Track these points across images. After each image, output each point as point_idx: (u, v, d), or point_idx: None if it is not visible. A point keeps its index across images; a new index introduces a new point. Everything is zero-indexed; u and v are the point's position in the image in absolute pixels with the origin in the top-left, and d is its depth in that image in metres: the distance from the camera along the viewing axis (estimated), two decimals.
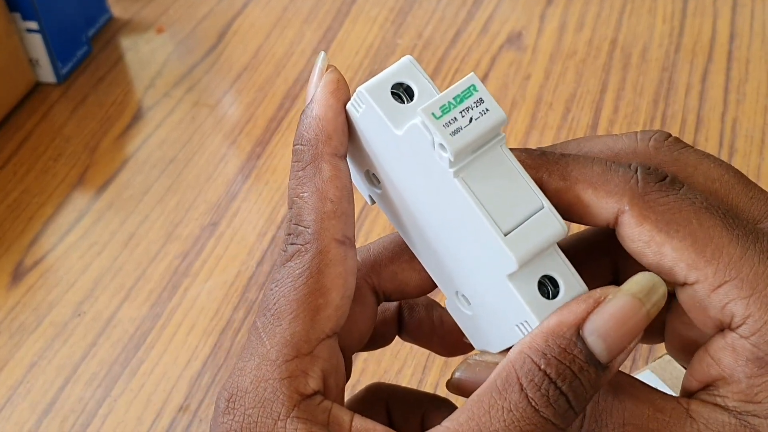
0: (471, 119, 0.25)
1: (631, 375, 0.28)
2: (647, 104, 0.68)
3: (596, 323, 0.25)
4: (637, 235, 0.26)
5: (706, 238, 0.26)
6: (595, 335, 0.25)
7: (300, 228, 0.27)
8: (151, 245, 0.61)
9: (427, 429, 0.29)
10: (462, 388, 0.28)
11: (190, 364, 0.54)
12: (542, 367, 0.25)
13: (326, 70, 0.28)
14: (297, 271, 0.27)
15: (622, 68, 0.71)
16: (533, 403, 0.25)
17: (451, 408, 0.33)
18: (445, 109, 0.25)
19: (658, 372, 0.44)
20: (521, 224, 0.26)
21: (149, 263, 0.60)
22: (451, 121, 0.25)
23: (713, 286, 0.26)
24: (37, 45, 0.71)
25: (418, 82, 0.27)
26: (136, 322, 0.56)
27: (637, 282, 0.26)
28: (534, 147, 0.65)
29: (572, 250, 0.29)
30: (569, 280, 0.26)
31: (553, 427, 0.25)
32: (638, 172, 0.27)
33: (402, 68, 0.27)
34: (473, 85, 0.26)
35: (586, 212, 0.27)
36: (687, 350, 0.30)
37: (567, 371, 0.25)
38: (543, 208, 0.26)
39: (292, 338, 0.27)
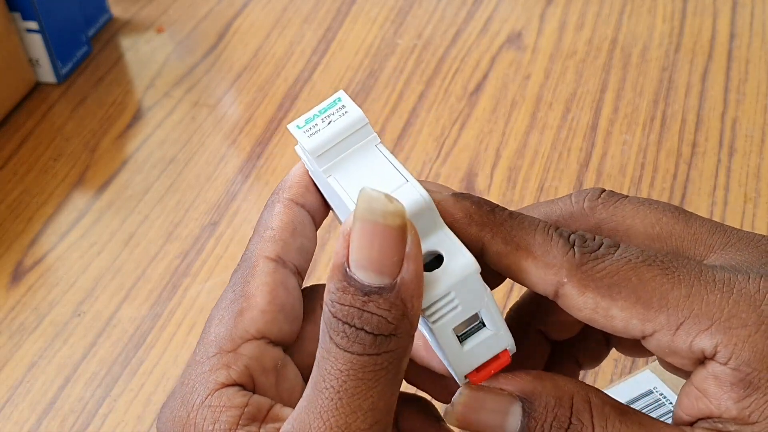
0: (330, 122, 0.28)
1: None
2: (647, 104, 0.68)
3: (353, 256, 0.26)
4: (582, 304, 0.27)
5: (649, 289, 0.26)
6: (355, 266, 0.25)
7: (243, 253, 0.30)
8: (151, 245, 0.61)
9: (403, 429, 0.30)
10: (462, 420, 0.28)
11: None
12: (334, 313, 0.26)
13: None
14: (229, 285, 0.30)
15: (622, 68, 0.71)
16: (342, 347, 0.25)
17: (426, 407, 0.33)
18: (308, 120, 0.28)
19: (658, 372, 0.44)
20: None
21: (149, 263, 0.60)
22: (312, 127, 0.28)
23: (672, 331, 0.26)
24: (37, 45, 0.71)
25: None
26: (136, 322, 0.56)
27: (358, 204, 0.26)
28: (533, 146, 0.65)
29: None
30: (451, 249, 0.27)
31: (374, 357, 0.25)
32: (575, 245, 0.27)
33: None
34: (339, 98, 0.28)
35: (526, 279, 0.28)
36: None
37: (351, 309, 0.25)
38: (407, 182, 0.28)
39: (215, 338, 0.29)
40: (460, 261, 0.27)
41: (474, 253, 0.27)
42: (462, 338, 0.28)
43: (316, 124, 0.28)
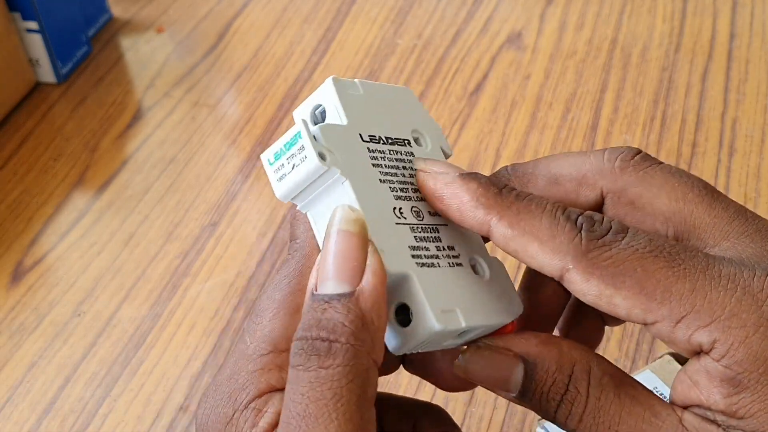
0: (293, 166, 0.28)
1: (634, 377, 0.29)
2: (647, 104, 0.68)
3: (319, 276, 0.26)
4: (586, 290, 0.27)
5: (654, 281, 0.27)
6: (320, 284, 0.26)
7: (292, 242, 0.29)
8: (151, 245, 0.61)
9: None
10: (469, 373, 0.29)
11: (190, 364, 0.54)
12: (297, 337, 0.26)
13: None
14: (283, 275, 0.29)
15: (622, 68, 0.71)
16: (301, 367, 0.25)
17: (441, 416, 0.33)
18: (277, 156, 0.28)
19: (658, 372, 0.44)
20: None
21: (149, 263, 0.60)
22: (280, 167, 0.28)
23: (672, 323, 0.27)
24: (37, 45, 0.71)
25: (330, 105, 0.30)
26: (136, 322, 0.56)
27: (329, 222, 0.27)
28: (533, 146, 0.65)
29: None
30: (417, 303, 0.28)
31: (330, 371, 0.25)
32: (582, 229, 0.27)
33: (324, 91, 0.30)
34: (298, 133, 0.28)
35: (532, 263, 0.28)
36: None
37: (311, 322, 0.25)
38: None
39: (270, 334, 0.28)
40: (424, 320, 0.27)
41: (480, 235, 0.28)
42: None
43: (283, 165, 0.28)
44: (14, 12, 0.70)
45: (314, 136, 0.28)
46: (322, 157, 0.27)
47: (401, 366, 0.33)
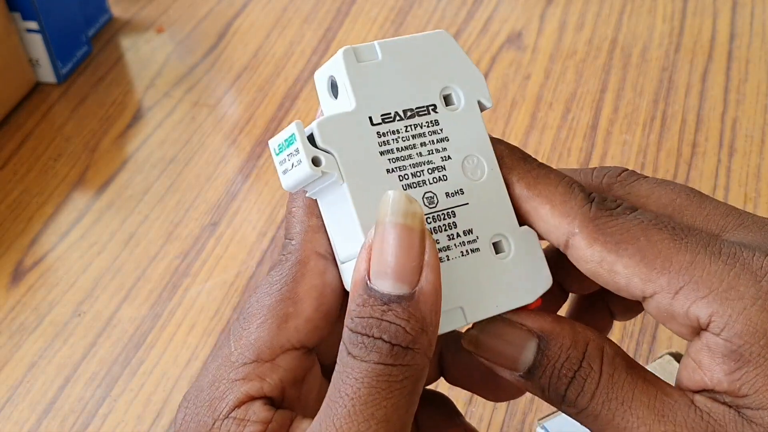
0: (293, 165, 0.28)
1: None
2: (647, 104, 0.68)
3: (373, 267, 0.26)
4: (589, 256, 0.27)
5: (655, 251, 0.27)
6: (375, 276, 0.26)
7: (287, 240, 0.29)
8: (151, 245, 0.61)
9: (421, 426, 0.31)
10: (480, 345, 0.29)
11: (190, 364, 0.54)
12: (353, 328, 0.26)
13: None
14: (275, 278, 0.28)
15: (622, 68, 0.71)
16: (358, 357, 0.25)
17: (446, 403, 0.33)
18: (280, 148, 0.28)
19: (658, 372, 0.44)
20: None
21: (149, 263, 0.60)
22: (283, 161, 0.28)
23: (671, 294, 0.27)
24: (37, 45, 0.71)
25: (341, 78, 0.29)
26: (136, 322, 0.56)
27: (380, 209, 0.26)
28: (533, 146, 0.65)
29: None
30: None
31: (389, 367, 0.25)
32: (594, 201, 0.28)
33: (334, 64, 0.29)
34: (293, 135, 0.27)
35: (541, 226, 0.29)
36: None
37: (371, 320, 0.26)
38: (358, 238, 0.27)
39: (255, 342, 0.28)
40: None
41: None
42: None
43: (285, 160, 0.28)
44: (14, 12, 0.70)
45: (312, 135, 0.28)
46: (315, 162, 0.27)
47: (441, 377, 0.33)
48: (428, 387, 0.33)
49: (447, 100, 0.30)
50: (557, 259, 0.31)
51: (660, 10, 0.76)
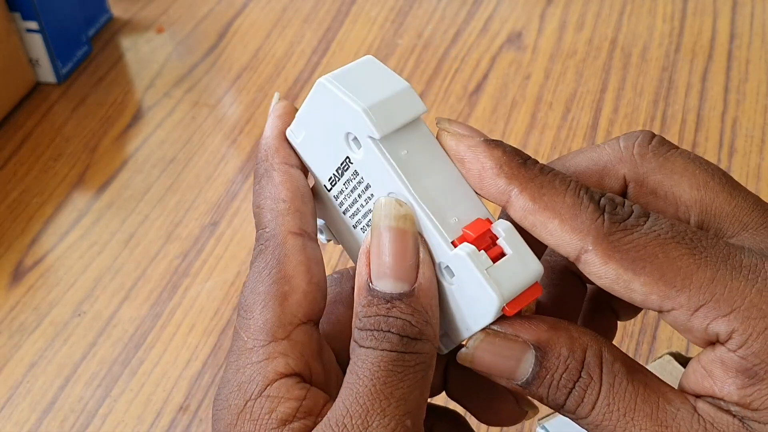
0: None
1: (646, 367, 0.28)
2: (647, 104, 0.68)
3: (373, 269, 0.27)
4: (603, 273, 0.26)
5: (674, 269, 0.26)
6: (376, 278, 0.27)
7: (260, 231, 0.29)
8: (151, 245, 0.61)
9: None
10: (475, 362, 0.28)
11: (190, 364, 0.54)
12: (361, 327, 0.27)
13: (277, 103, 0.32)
14: (261, 266, 0.29)
15: (622, 68, 0.71)
16: (371, 347, 0.27)
17: (457, 419, 0.33)
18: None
19: (658, 372, 0.44)
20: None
21: (149, 263, 0.60)
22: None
23: (690, 311, 0.26)
24: (37, 45, 0.71)
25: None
26: (136, 322, 0.56)
27: (374, 215, 0.28)
28: (533, 146, 0.65)
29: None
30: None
31: (402, 354, 0.26)
32: (605, 211, 0.27)
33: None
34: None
35: (549, 240, 0.27)
36: None
37: (378, 318, 0.27)
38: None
39: (264, 325, 0.28)
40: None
41: (500, 205, 0.28)
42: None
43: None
44: (14, 12, 0.70)
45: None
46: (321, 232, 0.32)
47: (443, 391, 0.34)
48: (443, 405, 0.33)
49: (356, 144, 0.29)
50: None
51: (660, 10, 0.76)
